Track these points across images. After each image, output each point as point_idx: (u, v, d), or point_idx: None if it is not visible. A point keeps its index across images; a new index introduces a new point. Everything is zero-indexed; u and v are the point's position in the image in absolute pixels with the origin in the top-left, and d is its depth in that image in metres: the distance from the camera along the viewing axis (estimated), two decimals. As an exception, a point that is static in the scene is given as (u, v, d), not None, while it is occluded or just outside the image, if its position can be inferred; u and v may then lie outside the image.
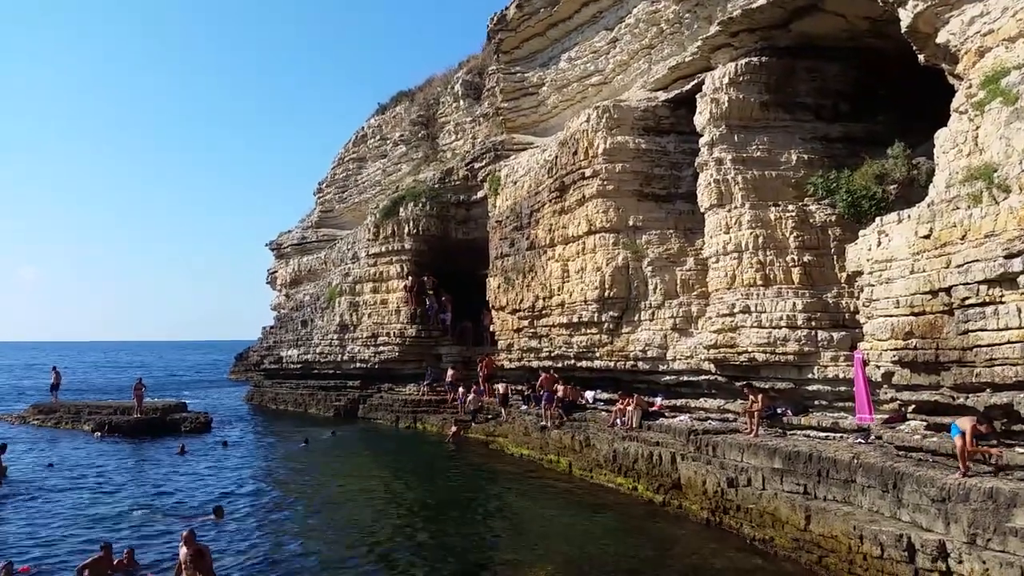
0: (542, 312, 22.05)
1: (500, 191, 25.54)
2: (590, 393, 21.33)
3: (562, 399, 21.24)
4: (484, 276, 26.52)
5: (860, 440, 12.80)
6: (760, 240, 14.88)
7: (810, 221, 14.79)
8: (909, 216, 11.01)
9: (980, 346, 9.43)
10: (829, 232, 14.65)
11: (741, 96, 15.63)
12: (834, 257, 14.42)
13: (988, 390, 9.56)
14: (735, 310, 15.03)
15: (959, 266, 9.66)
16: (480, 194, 29.07)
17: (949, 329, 9.97)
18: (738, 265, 15.17)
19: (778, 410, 14.83)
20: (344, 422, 31.33)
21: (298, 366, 38.00)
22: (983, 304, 9.35)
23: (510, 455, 22.24)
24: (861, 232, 12.35)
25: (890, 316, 10.98)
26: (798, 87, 15.78)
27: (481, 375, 27.41)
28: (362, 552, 12.57)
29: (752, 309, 14.77)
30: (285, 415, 36.05)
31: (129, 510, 15.59)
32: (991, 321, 9.24)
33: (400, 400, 31.22)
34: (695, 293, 17.50)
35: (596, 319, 19.29)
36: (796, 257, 14.61)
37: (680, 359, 17.43)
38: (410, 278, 31.65)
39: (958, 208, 10.03)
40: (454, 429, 25.17)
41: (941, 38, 11.36)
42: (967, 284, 9.50)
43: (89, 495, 17.17)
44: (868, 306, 11.69)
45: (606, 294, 18.81)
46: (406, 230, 31.80)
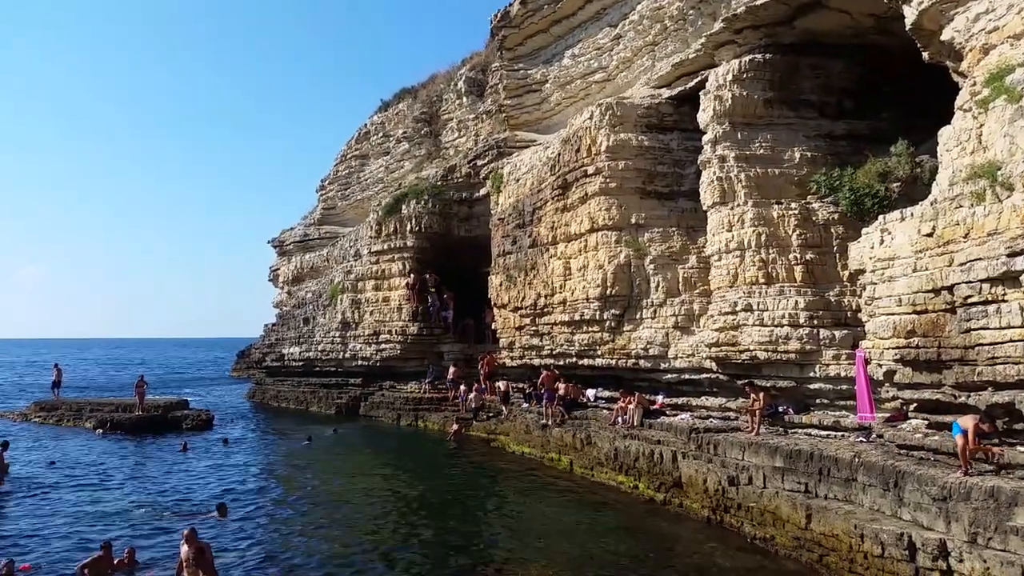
0: (544, 310, 22.03)
1: (503, 188, 25.51)
2: (591, 391, 21.33)
3: (563, 397, 21.23)
4: (486, 274, 26.49)
5: (861, 439, 12.78)
6: (763, 238, 14.84)
7: (813, 219, 14.75)
8: (912, 214, 10.98)
9: (982, 345, 9.40)
10: (832, 230, 14.61)
11: (745, 93, 15.59)
12: (836, 255, 14.38)
13: (990, 389, 9.53)
14: (737, 308, 15.00)
15: (961, 264, 9.63)
16: (483, 191, 29.05)
17: (951, 327, 9.94)
18: (740, 263, 15.14)
19: (779, 408, 14.80)
20: (346, 420, 31.35)
21: (300, 363, 38.03)
22: (985, 302, 9.32)
23: (511, 453, 22.24)
24: (864, 230, 12.32)
25: (892, 314, 10.95)
26: (802, 84, 15.72)
27: (482, 373, 27.42)
28: (364, 550, 12.58)
29: (754, 307, 14.73)
30: (287, 413, 36.09)
31: (131, 508, 15.61)
32: (993, 320, 9.22)
33: (402, 398, 31.24)
34: (697, 291, 17.47)
35: (598, 317, 19.27)
36: (798, 255, 14.58)
37: (682, 357, 17.41)
38: (412, 276, 31.68)
39: (961, 206, 9.99)
40: (455, 427, 25.17)
41: (946, 35, 11.31)
42: (969, 282, 9.47)
43: (91, 493, 17.18)
44: (870, 304, 11.66)
45: (608, 292, 18.79)
46: (408, 227, 31.81)
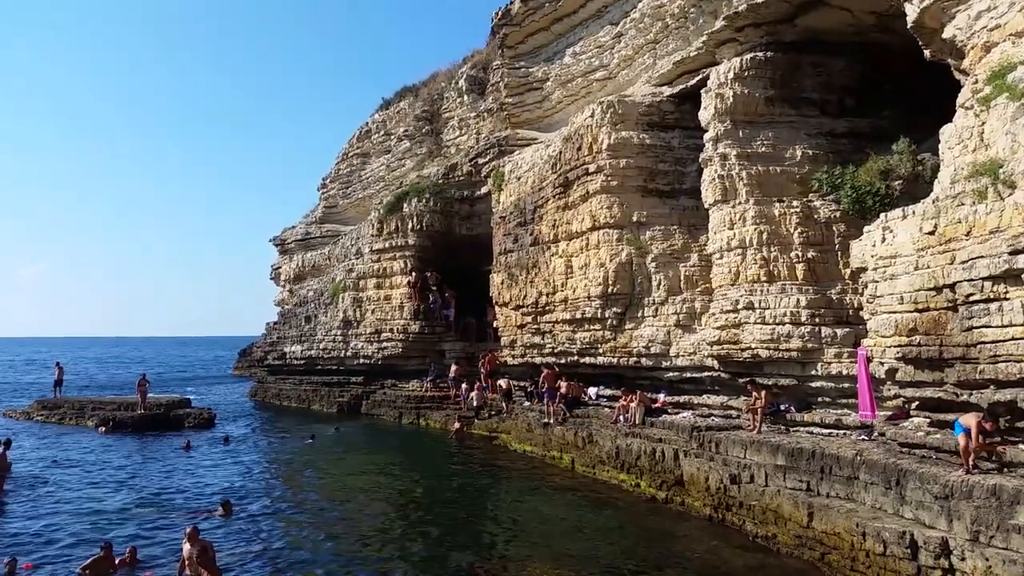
0: (545, 308, 22.03)
1: (504, 187, 25.50)
2: (593, 389, 21.35)
3: (565, 395, 21.24)
4: (488, 272, 26.51)
5: (863, 437, 12.78)
6: (764, 236, 14.84)
7: (814, 217, 14.74)
8: (914, 212, 10.96)
9: (984, 343, 9.39)
10: (833, 228, 14.60)
11: (746, 91, 15.57)
12: (838, 253, 14.38)
13: (992, 387, 9.52)
14: (739, 306, 14.99)
15: (963, 262, 9.62)
16: (484, 190, 29.05)
17: (953, 326, 9.93)
18: (742, 261, 15.13)
19: (781, 407, 14.80)
20: (347, 418, 31.36)
21: (302, 362, 38.05)
22: (987, 301, 9.31)
23: (513, 451, 22.25)
24: (865, 228, 12.30)
25: (894, 312, 10.94)
26: (803, 82, 15.70)
27: (484, 371, 27.42)
28: (366, 548, 12.58)
29: (756, 305, 14.73)
30: (288, 411, 36.11)
31: (133, 506, 15.63)
32: (995, 318, 9.20)
33: (403, 396, 31.26)
34: (699, 289, 17.46)
35: (599, 315, 19.27)
36: (800, 253, 14.57)
37: (683, 355, 17.41)
38: (413, 274, 31.69)
39: (963, 204, 9.98)
40: (457, 426, 25.17)
41: (947, 33, 11.29)
42: (971, 280, 9.46)
43: (93, 491, 17.20)
44: (872, 302, 11.65)
45: (609, 290, 18.79)
46: (410, 226, 31.82)
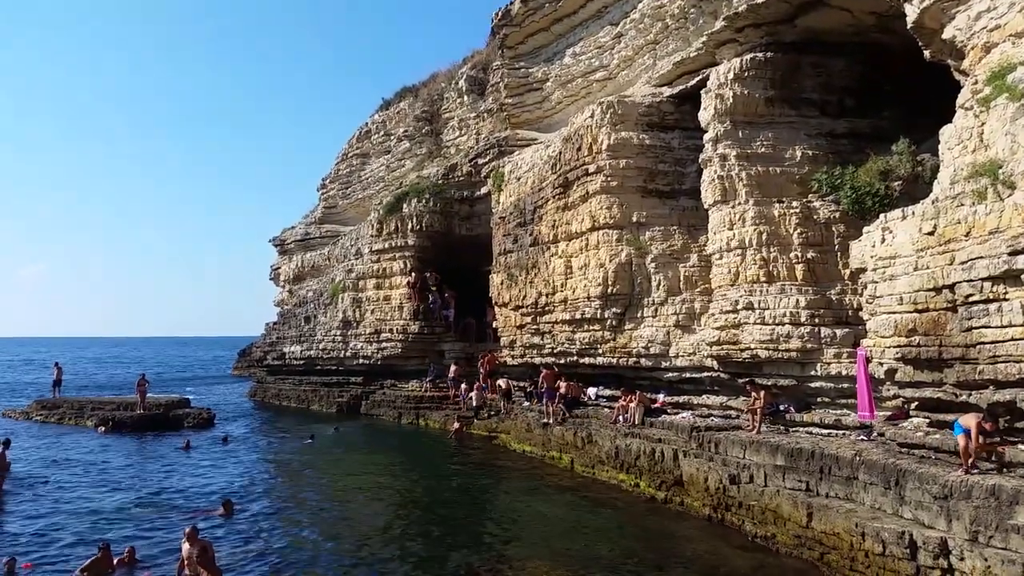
0: (545, 308, 22.03)
1: (504, 187, 25.51)
2: (592, 390, 21.35)
3: (564, 395, 21.25)
4: (487, 272, 26.51)
5: (862, 437, 12.78)
6: (764, 236, 14.84)
7: (814, 217, 14.74)
8: (913, 213, 10.97)
9: (983, 343, 9.40)
10: (833, 228, 14.60)
11: (746, 92, 15.57)
12: (838, 254, 14.38)
13: (991, 387, 9.53)
14: (738, 307, 15.00)
15: (963, 263, 9.62)
16: (484, 190, 29.05)
17: (952, 326, 9.93)
18: (741, 261, 15.13)
19: (780, 407, 14.80)
20: (347, 418, 31.36)
21: (301, 362, 38.05)
22: (987, 301, 9.31)
23: (512, 451, 22.25)
24: (865, 229, 12.31)
25: (893, 313, 10.95)
26: (803, 83, 15.70)
27: (483, 372, 27.39)
28: (366, 548, 12.57)
29: (755, 306, 14.73)
30: (288, 411, 36.10)
31: (133, 506, 15.63)
32: (995, 318, 9.21)
33: (403, 396, 31.26)
34: (698, 290, 17.47)
35: (599, 316, 19.27)
36: (800, 254, 14.57)
37: (683, 356, 17.42)
38: (413, 274, 31.69)
39: (962, 205, 9.98)
40: (456, 426, 25.17)
41: (947, 33, 11.29)
42: (971, 281, 9.47)
43: (93, 491, 17.19)
44: (871, 303, 11.66)
45: (609, 290, 18.79)
46: (409, 226, 31.82)
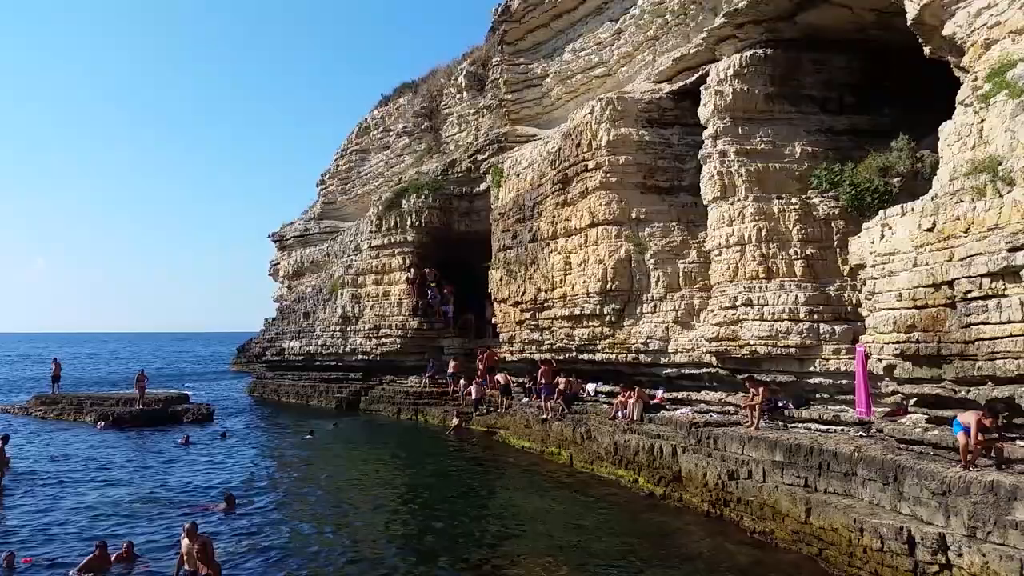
0: (544, 304, 22.04)
1: (503, 183, 25.50)
2: (591, 386, 21.36)
3: (563, 391, 21.27)
4: (486, 268, 26.49)
5: (861, 433, 12.81)
6: (763, 233, 14.84)
7: (813, 214, 14.75)
8: (913, 209, 10.98)
9: (982, 339, 9.42)
10: (832, 225, 14.62)
11: (746, 88, 15.57)
12: (837, 250, 14.40)
13: (990, 383, 9.56)
14: (737, 303, 15.01)
15: (962, 259, 9.64)
16: (483, 186, 29.03)
17: (951, 322, 9.95)
18: (741, 258, 15.14)
19: (779, 403, 14.83)
20: (346, 414, 31.40)
21: (300, 358, 38.07)
22: (985, 297, 9.33)
23: (512, 447, 22.28)
24: (864, 225, 12.32)
25: (892, 309, 10.97)
26: (803, 79, 15.71)
27: (481, 368, 27.37)
28: (367, 544, 12.60)
29: (754, 302, 14.75)
30: (287, 407, 36.10)
31: (132, 501, 15.63)
32: (993, 314, 9.23)
33: (402, 392, 31.25)
34: (697, 286, 17.49)
35: (598, 312, 19.29)
36: (799, 250, 14.59)
37: (682, 352, 17.43)
38: (412, 270, 31.69)
39: (962, 201, 9.99)
40: (455, 422, 25.18)
41: (947, 30, 11.29)
42: (970, 277, 9.49)
43: (92, 486, 17.19)
44: (870, 299, 11.67)
45: (608, 287, 18.81)
46: (408, 222, 31.79)
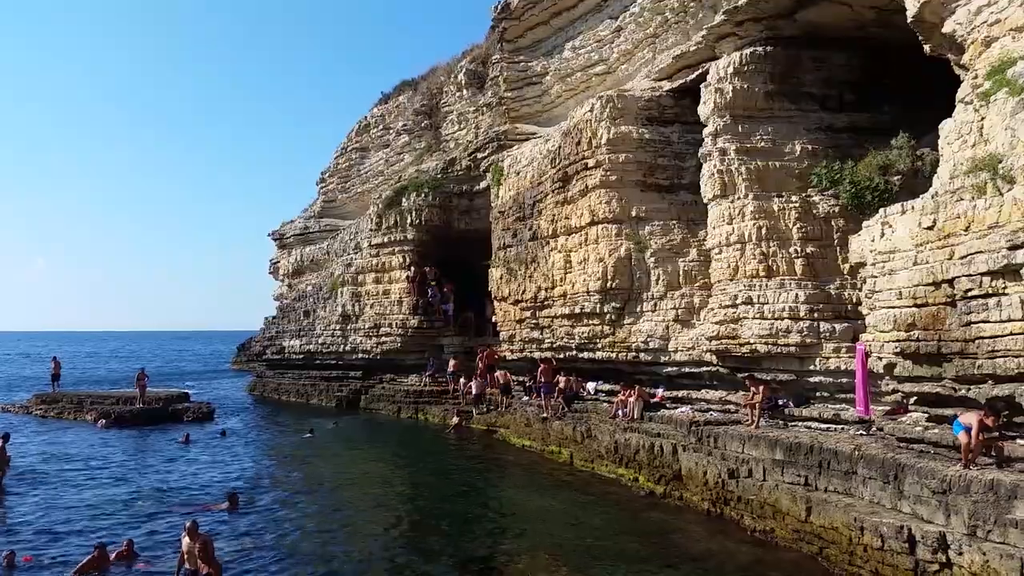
0: (544, 303, 22.03)
1: (503, 181, 25.48)
2: (592, 384, 21.36)
3: (564, 390, 21.26)
4: (486, 267, 26.49)
5: (861, 432, 12.79)
6: (763, 231, 14.82)
7: (813, 212, 14.72)
8: (913, 207, 10.95)
9: (982, 338, 9.40)
10: (832, 223, 14.59)
11: (746, 86, 15.54)
12: (837, 248, 14.37)
13: (990, 382, 9.54)
14: (737, 301, 14.99)
15: (962, 257, 9.62)
16: (483, 184, 29.00)
17: (951, 321, 9.94)
18: (741, 256, 15.12)
19: (779, 401, 14.82)
20: (346, 412, 31.42)
21: (300, 356, 38.08)
22: (986, 296, 9.31)
23: (512, 446, 22.28)
24: (864, 223, 12.29)
25: (893, 307, 10.95)
26: (803, 77, 15.68)
27: (481, 366, 27.34)
28: (365, 542, 12.63)
29: (754, 300, 14.73)
30: (288, 405, 36.13)
31: (133, 499, 15.63)
32: (994, 313, 9.21)
33: (402, 391, 31.26)
34: (697, 284, 17.47)
35: (598, 310, 19.28)
36: (799, 248, 14.56)
37: (682, 350, 17.42)
38: (412, 268, 31.69)
39: (962, 199, 9.96)
40: (456, 420, 25.18)
41: (947, 28, 11.26)
42: (970, 275, 9.47)
43: (92, 485, 17.20)
44: (871, 297, 11.65)
45: (608, 285, 18.79)
46: (408, 220, 31.76)
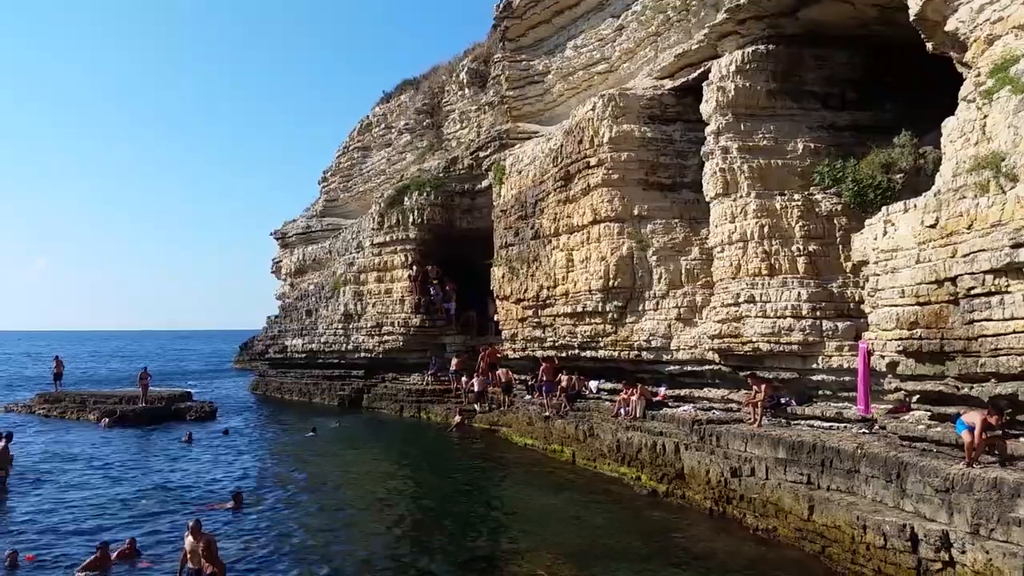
0: (546, 302, 22.03)
1: (505, 180, 25.48)
2: (594, 383, 21.36)
3: (566, 389, 21.26)
4: (489, 266, 26.49)
5: (864, 430, 12.79)
6: (765, 229, 14.80)
7: (816, 210, 14.71)
8: (915, 205, 10.93)
9: (985, 336, 9.38)
10: (835, 221, 14.57)
11: (748, 84, 15.53)
12: (840, 247, 14.35)
13: (993, 380, 9.52)
14: (740, 300, 14.98)
15: (965, 256, 9.60)
16: (485, 183, 28.99)
17: (954, 319, 9.92)
18: (743, 255, 15.10)
19: (782, 400, 14.81)
20: (348, 412, 31.44)
21: (303, 355, 38.10)
22: (989, 294, 9.30)
23: (514, 445, 22.29)
24: (867, 221, 12.27)
25: (895, 306, 10.93)
26: (805, 75, 15.65)
27: (483, 365, 27.33)
28: (368, 541, 12.66)
29: (757, 299, 14.72)
30: (290, 404, 36.17)
31: (136, 498, 15.67)
32: (997, 311, 9.20)
33: (404, 389, 31.28)
34: (700, 283, 17.46)
35: (600, 309, 19.27)
36: (801, 246, 14.55)
37: (684, 349, 17.41)
38: (414, 267, 31.69)
39: (965, 197, 9.95)
40: (458, 419, 25.18)
41: (950, 26, 11.23)
42: (973, 274, 9.45)
43: (95, 483, 17.24)
44: (873, 296, 11.63)
45: (610, 284, 18.78)
46: (411, 219, 31.76)
